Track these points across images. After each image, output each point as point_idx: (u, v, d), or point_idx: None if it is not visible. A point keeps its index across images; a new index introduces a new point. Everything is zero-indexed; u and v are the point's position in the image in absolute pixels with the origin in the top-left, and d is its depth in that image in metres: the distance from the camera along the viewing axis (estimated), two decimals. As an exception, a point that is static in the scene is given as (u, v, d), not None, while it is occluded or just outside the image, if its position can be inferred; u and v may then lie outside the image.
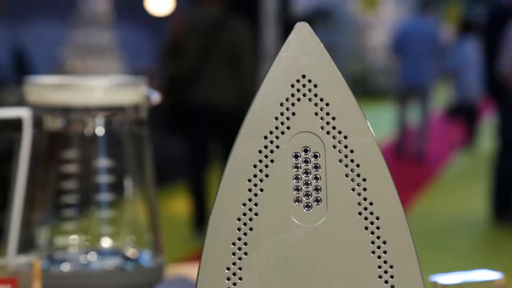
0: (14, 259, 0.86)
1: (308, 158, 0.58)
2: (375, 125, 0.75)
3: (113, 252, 1.07)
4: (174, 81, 3.76)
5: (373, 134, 0.58)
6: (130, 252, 1.07)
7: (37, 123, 1.00)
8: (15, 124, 0.96)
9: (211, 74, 3.68)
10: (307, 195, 0.58)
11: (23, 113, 0.96)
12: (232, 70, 3.68)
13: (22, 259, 0.85)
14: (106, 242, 1.07)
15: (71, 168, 1.04)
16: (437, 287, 0.79)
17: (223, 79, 3.68)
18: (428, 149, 6.67)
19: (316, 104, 0.59)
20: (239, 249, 0.57)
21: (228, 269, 0.57)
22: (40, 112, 1.00)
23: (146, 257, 1.07)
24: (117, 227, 1.08)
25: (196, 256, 3.64)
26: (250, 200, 0.58)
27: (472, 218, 4.54)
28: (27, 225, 1.02)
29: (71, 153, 1.04)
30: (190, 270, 1.34)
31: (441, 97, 9.30)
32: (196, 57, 3.68)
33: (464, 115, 7.00)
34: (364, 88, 11.16)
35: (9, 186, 0.98)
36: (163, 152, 4.89)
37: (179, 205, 5.05)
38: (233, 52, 3.66)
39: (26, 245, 1.02)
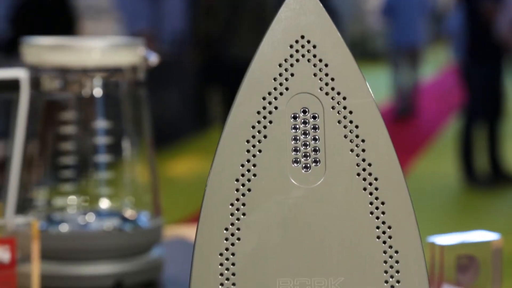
0: (12, 220, 0.87)
1: (306, 119, 0.58)
2: (374, 88, 0.75)
3: (112, 213, 1.07)
4: (209, 39, 3.89)
5: (372, 95, 0.58)
6: (129, 213, 1.07)
7: (35, 84, 0.99)
8: (13, 85, 0.96)
9: (244, 33, 3.81)
10: (305, 156, 0.58)
11: (20, 74, 0.95)
12: (261, 29, 3.77)
13: (21, 220, 0.85)
14: (104, 203, 1.07)
15: (69, 129, 1.04)
16: (434, 248, 0.79)
17: (253, 39, 3.79)
18: (423, 109, 6.69)
19: (315, 65, 0.58)
20: (237, 210, 0.57)
21: (226, 229, 0.57)
22: (38, 73, 1.00)
23: (145, 218, 1.07)
24: (116, 188, 1.09)
25: (194, 218, 3.65)
26: (248, 161, 0.58)
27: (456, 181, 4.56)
28: (25, 186, 1.02)
29: (69, 114, 1.04)
30: (188, 231, 1.34)
31: (438, 60, 9.28)
32: (228, 17, 3.81)
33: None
34: (363, 50, 11.12)
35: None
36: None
37: (178, 166, 5.07)
38: (261, 11, 3.79)
39: (25, 206, 1.02)
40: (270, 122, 0.58)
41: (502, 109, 4.50)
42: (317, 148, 0.58)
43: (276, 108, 0.58)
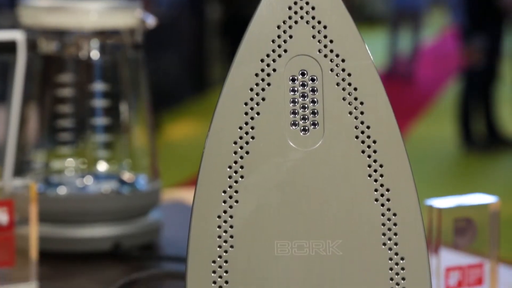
0: (10, 182, 0.87)
1: (305, 82, 0.58)
2: (373, 52, 0.74)
3: (109, 176, 1.07)
4: None
5: (371, 57, 0.58)
6: (127, 176, 1.07)
7: (32, 46, 0.99)
8: (9, 47, 0.95)
9: None
10: (304, 118, 0.58)
11: (17, 36, 0.95)
12: None
13: (19, 182, 0.85)
14: (102, 166, 1.07)
15: (66, 92, 1.04)
16: (432, 210, 0.79)
17: None
18: (422, 73, 6.68)
19: (313, 27, 0.58)
20: (236, 172, 0.57)
21: (224, 192, 0.57)
22: (34, 35, 0.99)
23: (143, 181, 1.07)
24: (114, 151, 1.08)
25: (192, 181, 3.65)
26: (246, 123, 0.58)
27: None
28: (23, 148, 1.02)
29: (66, 76, 1.04)
30: (186, 195, 1.34)
31: (438, 23, 9.24)
32: None
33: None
34: (362, 14, 11.07)
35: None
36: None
37: (176, 130, 5.06)
38: None
39: (22, 168, 1.02)
40: (269, 84, 0.58)
41: (500, 73, 4.50)
42: (316, 110, 0.58)
43: (274, 70, 0.58)
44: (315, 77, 0.58)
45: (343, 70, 0.58)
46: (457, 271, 0.80)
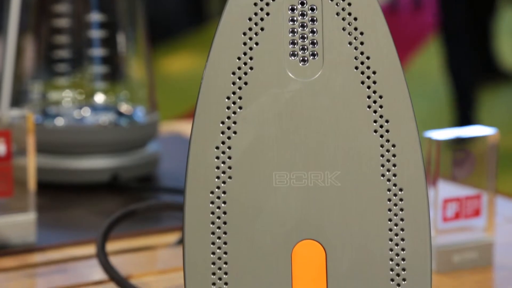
0: (7, 112, 0.86)
1: (304, 11, 0.57)
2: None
3: (107, 107, 1.07)
4: None
5: (372, -13, 0.57)
6: (124, 108, 1.07)
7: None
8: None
9: None
10: (303, 49, 0.57)
11: (13, -35, 0.93)
12: None
13: (16, 113, 0.85)
14: (99, 98, 1.07)
15: (63, 22, 1.03)
16: (431, 142, 0.79)
17: None
18: (422, 4, 6.62)
19: (313, -44, 0.57)
20: (234, 103, 0.57)
21: (222, 123, 0.57)
22: (30, -36, 0.98)
23: (141, 113, 1.07)
24: (111, 83, 1.08)
25: (190, 114, 3.65)
26: (245, 54, 0.57)
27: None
28: (20, 79, 1.01)
29: (63, 6, 1.03)
30: (184, 127, 1.34)
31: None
32: None
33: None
34: None
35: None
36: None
37: (174, 63, 5.05)
38: None
39: (19, 99, 1.02)
40: (267, 14, 0.57)
41: (497, 5, 4.45)
42: (315, 41, 0.57)
43: (273, -1, 0.57)
44: (314, 7, 0.57)
45: (343, -1, 0.57)
46: (455, 203, 0.80)
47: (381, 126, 0.57)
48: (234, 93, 0.57)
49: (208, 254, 0.57)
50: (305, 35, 0.57)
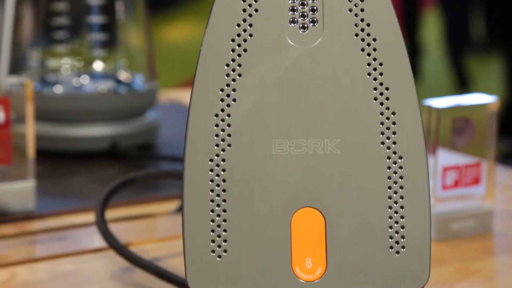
0: (6, 79, 0.86)
1: (304, -22, 0.57)
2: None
3: (106, 75, 1.07)
4: None
5: (372, -47, 0.57)
6: (123, 76, 1.07)
7: None
8: None
9: None
10: (303, 16, 0.57)
11: None
12: None
13: (14, 80, 0.84)
14: (98, 65, 1.06)
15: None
16: (431, 111, 0.79)
17: None
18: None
19: None
20: (233, 70, 0.57)
21: (222, 90, 0.57)
22: None
23: (140, 81, 1.07)
24: (110, 50, 1.07)
25: (189, 83, 3.65)
26: (244, 21, 0.57)
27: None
28: (18, 46, 1.01)
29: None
30: (184, 95, 1.34)
31: None
32: None
33: None
34: None
35: None
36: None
37: (174, 32, 5.03)
38: None
39: (18, 66, 1.01)
40: (267, -20, 0.56)
41: None
42: (315, 7, 0.57)
43: (273, -34, 0.56)
44: (314, -27, 0.57)
45: (344, -34, 0.56)
46: (454, 171, 0.80)
47: (381, 94, 0.57)
48: (233, 60, 0.57)
49: (208, 222, 0.57)
50: (305, 2, 0.57)
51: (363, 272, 0.56)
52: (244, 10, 0.57)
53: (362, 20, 0.56)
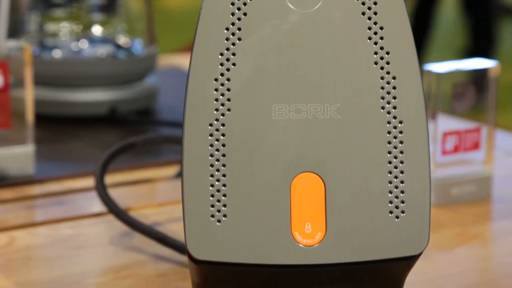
0: (4, 43, 0.85)
1: None
2: None
3: (105, 40, 1.06)
4: None
5: None
6: (122, 40, 1.06)
7: None
8: None
9: None
10: (303, -21, 0.56)
11: None
12: None
13: (13, 43, 0.84)
14: (97, 30, 1.06)
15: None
16: (431, 75, 0.78)
17: None
18: None
19: None
20: (233, 34, 0.56)
21: (221, 54, 0.56)
22: None
23: (139, 46, 1.06)
24: (109, 15, 1.07)
25: (189, 48, 3.63)
26: (244, -16, 0.56)
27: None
28: (17, 9, 1.00)
29: None
30: (183, 61, 1.34)
31: None
32: None
33: None
34: None
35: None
36: None
37: (171, -4, 5.00)
38: None
39: (16, 30, 1.01)
40: None
41: None
42: (315, -29, 0.56)
43: None
44: None
45: None
46: (454, 136, 0.80)
47: (382, 58, 0.56)
48: (233, 24, 0.56)
49: (207, 187, 0.56)
50: (306, -35, 0.56)
51: (362, 237, 0.56)
52: (244, -26, 0.56)
53: (362, -17, 0.56)
